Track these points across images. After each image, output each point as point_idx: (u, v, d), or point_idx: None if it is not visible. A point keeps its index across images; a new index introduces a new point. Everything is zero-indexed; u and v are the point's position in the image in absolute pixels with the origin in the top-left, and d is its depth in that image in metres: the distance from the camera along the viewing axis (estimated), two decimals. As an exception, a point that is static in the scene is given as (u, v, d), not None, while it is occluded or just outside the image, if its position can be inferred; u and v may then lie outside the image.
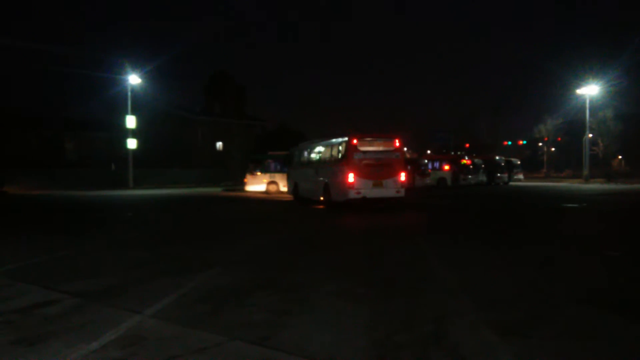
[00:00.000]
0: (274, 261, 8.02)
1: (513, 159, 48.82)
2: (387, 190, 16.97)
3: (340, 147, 17.48)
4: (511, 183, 44.31)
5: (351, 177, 16.40)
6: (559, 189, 34.47)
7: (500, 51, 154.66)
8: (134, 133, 39.64)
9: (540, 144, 77.15)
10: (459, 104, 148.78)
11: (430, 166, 37.91)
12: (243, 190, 31.01)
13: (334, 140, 18.60)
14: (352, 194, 16.50)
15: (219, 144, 57.16)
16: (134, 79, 39.57)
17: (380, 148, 17.18)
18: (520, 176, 48.37)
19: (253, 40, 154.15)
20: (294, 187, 22.38)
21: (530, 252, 8.72)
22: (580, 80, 47.33)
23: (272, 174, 31.41)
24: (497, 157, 44.71)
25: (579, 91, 46.93)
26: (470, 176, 38.56)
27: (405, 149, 78.49)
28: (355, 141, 16.68)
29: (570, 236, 11.17)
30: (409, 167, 34.20)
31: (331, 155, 18.44)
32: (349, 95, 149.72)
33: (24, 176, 36.77)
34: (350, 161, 16.58)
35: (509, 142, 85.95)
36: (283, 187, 30.37)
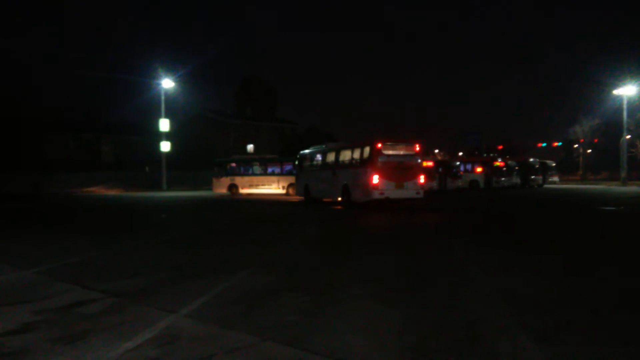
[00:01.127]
0: (305, 263, 8.03)
1: (548, 161, 47.89)
2: (408, 192, 18.09)
3: (364, 151, 18.38)
4: (546, 185, 43.50)
5: (376, 179, 17.41)
6: (596, 192, 33.69)
7: (536, 50, 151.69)
8: (167, 136, 40.27)
9: (576, 145, 75.36)
10: (492, 105, 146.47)
11: (462, 168, 37.47)
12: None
13: (356, 144, 19.56)
14: (376, 195, 17.51)
15: (250, 147, 57.72)
16: (167, 83, 40.23)
17: (402, 152, 18.31)
18: (556, 178, 47.43)
19: (286, 43, 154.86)
20: (304, 188, 23.53)
21: (566, 256, 8.54)
22: (617, 80, 46.18)
23: (233, 177, 33.73)
24: (531, 159, 43.93)
25: (616, 91, 45.78)
26: (503, 178, 37.98)
27: (436, 150, 77.82)
28: (379, 145, 17.74)
29: (607, 240, 10.89)
30: (440, 170, 33.95)
31: (352, 158, 19.38)
32: (381, 98, 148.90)
33: (62, 178, 37.72)
34: (375, 164, 17.59)
35: (544, 144, 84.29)
36: (241, 190, 33.14)
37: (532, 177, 41.43)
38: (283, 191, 31.75)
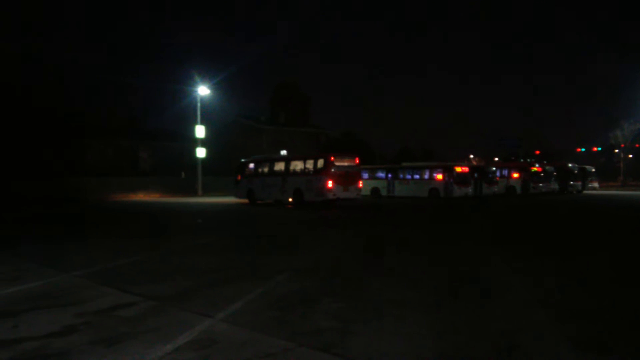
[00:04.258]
0: (338, 268, 8.00)
1: (587, 167, 46.68)
2: (352, 193, 23.34)
3: (318, 162, 23.27)
4: (585, 191, 42.47)
5: (330, 184, 22.29)
6: (636, 198, 32.73)
7: (574, 52, 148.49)
8: (203, 142, 40.84)
9: (617, 150, 73.34)
10: (529, 109, 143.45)
11: (498, 174, 36.83)
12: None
13: (309, 156, 24.71)
14: (330, 196, 22.44)
15: (284, 152, 58.03)
16: (203, 90, 40.81)
17: (347, 164, 23.38)
18: (595, 184, 46.19)
19: (322, 47, 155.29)
20: (248, 192, 27.60)
21: (606, 263, 8.32)
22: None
23: None
24: (569, 165, 42.92)
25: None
26: (541, 184, 37.21)
27: (471, 156, 76.63)
28: (332, 158, 22.77)
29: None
30: (475, 175, 33.46)
31: (305, 167, 24.07)
32: (417, 101, 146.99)
33: (102, 184, 38.63)
34: (329, 172, 22.42)
35: (583, 149, 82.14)
36: None
37: (571, 182, 40.47)
38: None
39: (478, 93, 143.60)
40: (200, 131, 40.64)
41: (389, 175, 34.96)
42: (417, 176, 33.56)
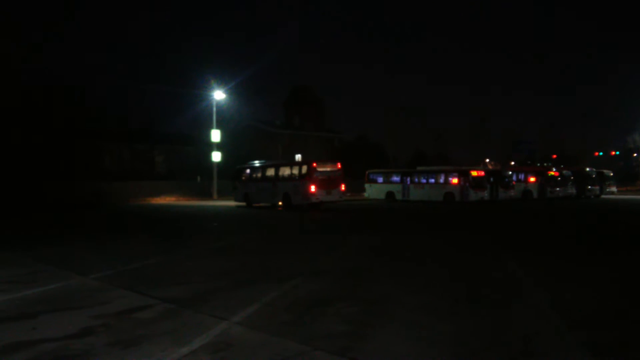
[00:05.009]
0: (348, 271, 7.99)
1: (605, 171, 46.09)
2: (334, 197, 25.03)
3: (302, 168, 25.27)
4: (603, 196, 41.95)
5: (313, 188, 24.05)
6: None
7: (591, 54, 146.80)
8: (218, 146, 41.02)
9: (635, 154, 72.38)
10: (545, 112, 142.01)
11: (514, 178, 36.50)
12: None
13: (295, 163, 27.50)
14: (314, 199, 24.26)
15: (298, 156, 58.10)
16: (218, 95, 41.03)
17: (329, 169, 25.21)
18: (613, 189, 45.59)
19: (336, 51, 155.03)
20: (244, 196, 29.61)
21: (621, 268, 8.21)
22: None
23: None
24: (587, 169, 42.42)
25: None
26: (558, 189, 36.80)
27: (487, 160, 76.30)
28: (315, 164, 24.66)
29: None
30: (491, 179, 33.20)
31: (292, 173, 26.15)
32: (432, 104, 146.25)
33: (118, 188, 38.97)
34: (313, 178, 24.21)
35: (601, 153, 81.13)
36: None
37: (589, 187, 39.97)
38: None
39: (490, 96, 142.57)
40: (215, 135, 40.84)
41: (404, 179, 34.85)
42: (432, 180, 33.39)
